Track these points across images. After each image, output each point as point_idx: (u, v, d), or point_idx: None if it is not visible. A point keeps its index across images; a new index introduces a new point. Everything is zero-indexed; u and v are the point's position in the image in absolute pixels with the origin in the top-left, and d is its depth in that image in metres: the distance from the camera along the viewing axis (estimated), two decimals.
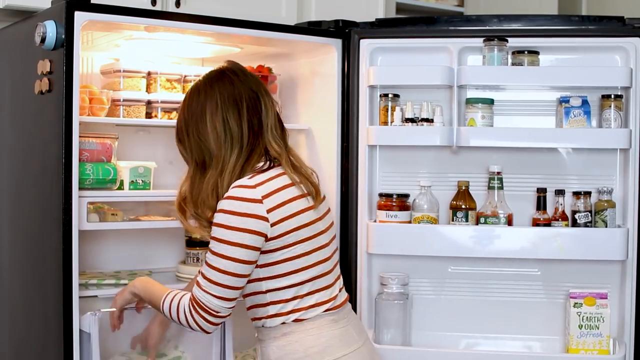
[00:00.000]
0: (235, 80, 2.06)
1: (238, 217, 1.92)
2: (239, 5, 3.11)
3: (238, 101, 2.03)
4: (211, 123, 2.01)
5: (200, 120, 2.02)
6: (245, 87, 2.06)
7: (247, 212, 1.92)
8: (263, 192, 1.95)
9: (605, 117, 2.68)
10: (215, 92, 2.04)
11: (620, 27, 2.70)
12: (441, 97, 2.78)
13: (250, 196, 1.93)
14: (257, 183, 1.96)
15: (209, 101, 2.03)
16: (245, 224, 1.92)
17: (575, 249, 2.64)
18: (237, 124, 2.01)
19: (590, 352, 2.63)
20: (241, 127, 2.02)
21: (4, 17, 2.81)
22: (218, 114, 2.01)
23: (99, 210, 2.55)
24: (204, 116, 2.02)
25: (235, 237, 1.92)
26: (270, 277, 1.98)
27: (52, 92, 2.33)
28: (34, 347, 2.51)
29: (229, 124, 2.01)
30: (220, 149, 2.01)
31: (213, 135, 2.01)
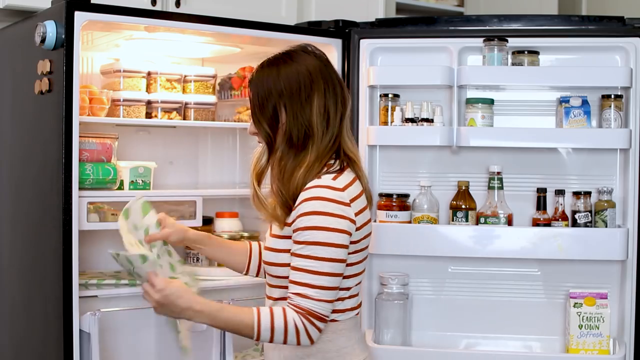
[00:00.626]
0: (329, 66, 2.01)
1: (335, 219, 1.86)
2: (239, 5, 3.11)
3: (337, 90, 1.99)
4: (317, 104, 1.95)
5: (306, 102, 1.94)
6: (339, 79, 2.02)
7: (342, 214, 1.87)
8: (350, 196, 1.91)
9: (605, 117, 2.68)
10: (319, 75, 1.97)
11: (620, 27, 2.70)
12: (441, 97, 2.78)
13: (341, 199, 1.88)
14: (344, 186, 1.91)
15: (314, 80, 1.95)
16: (341, 225, 1.87)
17: (575, 249, 2.64)
18: (335, 113, 1.97)
19: (590, 352, 2.63)
20: (336, 117, 1.97)
21: (4, 17, 2.81)
22: (322, 96, 1.95)
23: (99, 210, 2.55)
24: (310, 97, 1.94)
25: (338, 239, 1.86)
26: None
27: (52, 92, 2.33)
28: (34, 347, 2.51)
29: (329, 110, 1.96)
30: (319, 132, 1.94)
31: (317, 116, 1.94)
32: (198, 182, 3.19)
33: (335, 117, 1.96)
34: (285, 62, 1.99)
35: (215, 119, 2.92)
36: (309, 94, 1.94)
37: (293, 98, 1.94)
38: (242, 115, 2.93)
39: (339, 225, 1.87)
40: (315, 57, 2.00)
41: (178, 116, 2.81)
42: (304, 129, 1.93)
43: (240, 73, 2.95)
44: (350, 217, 1.89)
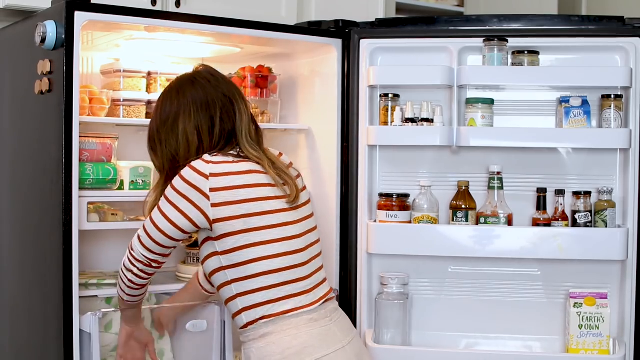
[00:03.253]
0: (207, 86, 2.04)
1: (184, 184, 1.95)
2: (239, 5, 3.11)
3: (211, 107, 2.02)
4: (183, 132, 2.01)
5: (172, 129, 2.02)
6: (218, 93, 2.04)
7: (192, 182, 1.95)
8: (213, 170, 1.95)
9: (605, 117, 2.68)
10: (188, 99, 2.02)
11: (620, 27, 2.70)
12: (441, 97, 2.78)
13: (199, 168, 1.95)
14: (213, 161, 1.96)
15: (181, 108, 2.01)
16: (188, 192, 1.95)
17: (575, 249, 2.64)
18: (210, 131, 2.01)
19: (590, 352, 2.63)
20: (213, 134, 2.01)
21: (4, 17, 2.81)
22: (191, 121, 2.01)
23: (99, 210, 2.55)
24: (176, 124, 2.01)
25: (177, 200, 1.96)
26: (239, 279, 1.98)
27: (52, 92, 2.33)
28: (34, 347, 2.51)
29: (201, 131, 2.01)
30: (188, 158, 2.00)
31: (184, 144, 2.01)
32: None
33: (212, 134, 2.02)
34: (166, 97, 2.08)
35: None
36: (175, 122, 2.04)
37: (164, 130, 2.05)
38: None
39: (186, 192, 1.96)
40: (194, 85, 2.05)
41: None
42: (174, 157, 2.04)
43: (240, 73, 2.95)
44: (202, 189, 1.95)
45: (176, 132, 2.01)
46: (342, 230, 2.80)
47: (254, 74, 2.93)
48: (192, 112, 2.01)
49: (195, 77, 2.07)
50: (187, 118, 2.01)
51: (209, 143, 2.02)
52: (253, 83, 2.92)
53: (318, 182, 2.87)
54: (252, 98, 2.92)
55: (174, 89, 2.06)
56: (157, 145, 2.06)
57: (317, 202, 2.88)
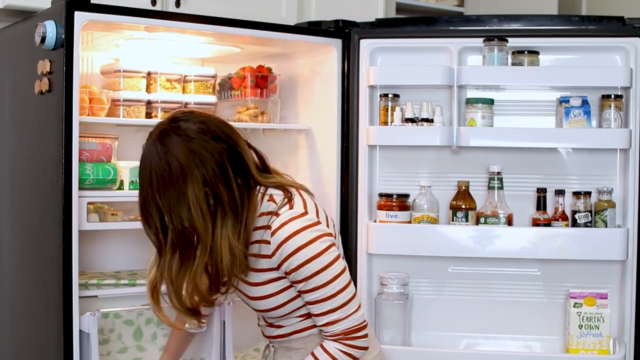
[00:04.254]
0: (204, 138, 1.83)
1: (318, 242, 1.87)
2: (239, 5, 3.11)
3: (219, 162, 1.84)
4: (194, 199, 1.81)
5: (179, 198, 1.81)
6: (220, 145, 1.85)
7: (319, 234, 1.88)
8: (313, 213, 1.92)
9: (605, 117, 2.68)
10: (188, 159, 1.81)
11: (620, 27, 2.70)
12: (441, 97, 2.79)
13: (311, 221, 1.89)
14: (304, 209, 1.91)
15: (185, 173, 1.81)
16: (326, 242, 1.88)
17: (575, 249, 2.64)
18: (227, 189, 1.84)
19: (590, 352, 2.63)
20: (232, 191, 1.85)
21: (4, 17, 2.81)
22: (201, 186, 1.81)
23: (99, 210, 2.55)
24: (183, 193, 1.81)
25: (330, 257, 1.88)
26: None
27: (52, 92, 2.33)
28: (34, 347, 2.51)
29: (218, 193, 1.83)
30: (207, 226, 1.83)
31: (197, 213, 1.81)
32: None
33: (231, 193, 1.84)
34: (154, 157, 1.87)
35: None
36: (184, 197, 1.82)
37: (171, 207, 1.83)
38: (242, 115, 2.93)
39: (322, 245, 1.88)
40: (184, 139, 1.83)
41: None
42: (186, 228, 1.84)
43: (240, 73, 2.95)
44: (325, 231, 1.91)
45: (186, 201, 1.81)
46: (342, 230, 2.80)
47: (254, 74, 2.93)
48: (199, 174, 1.82)
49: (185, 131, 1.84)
50: (195, 183, 1.81)
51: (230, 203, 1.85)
52: (253, 83, 2.92)
53: (318, 182, 2.87)
54: (252, 98, 2.92)
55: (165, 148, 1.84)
56: (156, 219, 1.86)
57: None
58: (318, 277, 1.87)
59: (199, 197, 1.81)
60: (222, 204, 1.84)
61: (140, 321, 2.64)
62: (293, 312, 1.98)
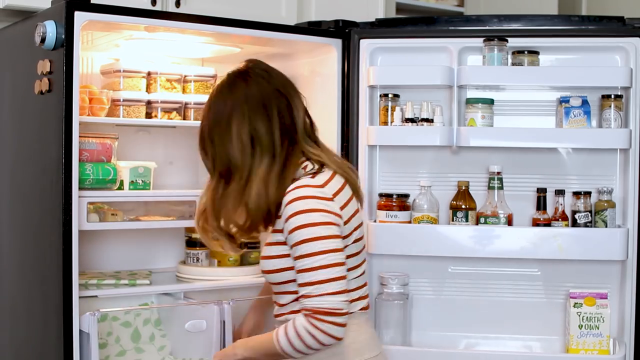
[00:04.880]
0: (262, 83, 1.97)
1: (320, 214, 1.87)
2: (239, 5, 3.11)
3: (267, 106, 1.94)
4: (237, 133, 1.92)
5: (226, 130, 1.93)
6: (273, 89, 1.97)
7: (326, 208, 1.87)
8: (332, 191, 1.91)
9: (605, 117, 2.68)
10: (241, 98, 1.94)
11: (620, 27, 2.70)
12: (441, 97, 2.78)
13: (322, 195, 1.89)
14: (323, 182, 1.91)
15: (235, 109, 1.93)
16: (328, 218, 1.87)
17: (575, 249, 2.64)
18: (268, 132, 1.92)
19: (590, 352, 2.63)
20: (272, 135, 1.93)
21: (4, 17, 2.81)
22: (245, 122, 1.92)
23: (99, 210, 2.55)
24: (229, 126, 1.93)
25: (325, 231, 1.86)
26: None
27: (52, 92, 2.33)
28: (34, 347, 2.51)
29: (258, 133, 1.92)
30: (244, 160, 1.92)
31: (238, 146, 1.92)
32: (198, 182, 3.19)
33: (271, 134, 1.93)
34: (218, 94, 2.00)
35: None
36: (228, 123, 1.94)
37: (215, 130, 1.97)
38: None
39: (323, 218, 1.87)
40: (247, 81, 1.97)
41: (178, 116, 2.81)
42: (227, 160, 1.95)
43: None
44: (335, 211, 1.89)
45: (230, 134, 1.93)
46: None
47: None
48: (246, 112, 1.93)
49: (247, 73, 1.99)
50: (240, 119, 1.93)
51: (270, 146, 1.93)
52: None
53: None
54: None
55: (226, 86, 1.98)
56: (209, 146, 1.98)
57: None
58: (306, 245, 1.86)
59: (241, 132, 1.92)
60: (261, 146, 1.92)
61: (138, 322, 2.64)
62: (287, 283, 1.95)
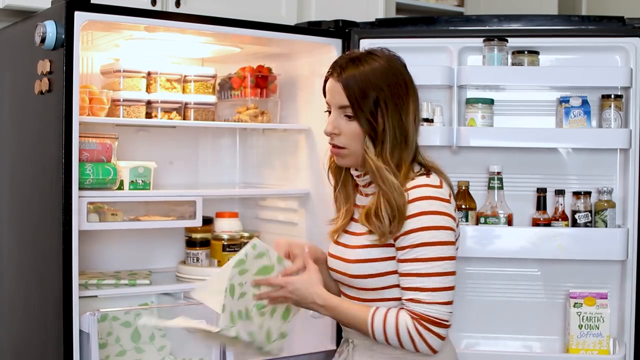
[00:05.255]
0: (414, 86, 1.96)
1: (442, 217, 1.81)
2: (239, 5, 3.11)
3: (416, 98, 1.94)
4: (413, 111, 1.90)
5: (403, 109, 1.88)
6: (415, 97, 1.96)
7: (446, 211, 1.83)
8: (448, 193, 1.88)
9: (605, 117, 2.68)
10: (411, 82, 1.94)
11: (620, 27, 2.70)
12: (441, 97, 2.78)
13: (443, 196, 1.84)
14: (440, 183, 1.88)
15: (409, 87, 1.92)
16: (448, 222, 1.82)
17: (575, 249, 2.63)
18: (418, 122, 1.94)
19: (590, 352, 2.63)
20: (418, 125, 1.94)
21: (4, 17, 2.81)
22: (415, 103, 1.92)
23: (99, 210, 2.55)
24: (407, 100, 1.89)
25: (445, 237, 1.80)
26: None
27: (52, 92, 2.33)
28: (34, 347, 2.51)
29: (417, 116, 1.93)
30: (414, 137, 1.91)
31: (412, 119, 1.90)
32: (198, 182, 3.19)
33: (418, 124, 1.93)
34: (378, 62, 1.93)
35: (215, 119, 2.92)
36: (407, 95, 1.90)
37: (391, 97, 1.88)
38: (242, 116, 2.93)
39: (445, 222, 1.81)
40: (398, 59, 1.97)
41: (178, 116, 2.80)
42: (403, 132, 1.88)
43: (240, 73, 2.95)
44: (452, 213, 1.85)
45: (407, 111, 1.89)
46: None
47: (254, 74, 2.93)
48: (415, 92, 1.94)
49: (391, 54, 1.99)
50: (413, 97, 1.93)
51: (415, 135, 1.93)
52: (253, 83, 2.92)
53: (318, 182, 2.87)
54: (252, 98, 2.92)
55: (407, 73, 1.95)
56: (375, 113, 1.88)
57: (317, 202, 2.88)
58: (423, 250, 1.78)
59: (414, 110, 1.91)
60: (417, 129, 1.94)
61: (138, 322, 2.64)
62: (387, 289, 1.85)
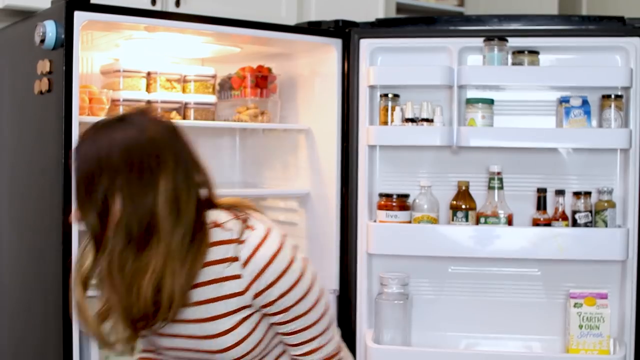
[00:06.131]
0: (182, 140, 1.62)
1: (297, 261, 1.62)
2: (239, 5, 3.11)
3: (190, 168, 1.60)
4: (165, 190, 1.54)
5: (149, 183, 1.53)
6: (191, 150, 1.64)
7: (292, 246, 1.64)
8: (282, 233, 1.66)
9: (605, 117, 2.68)
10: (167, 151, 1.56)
11: (621, 27, 2.70)
12: (441, 97, 2.78)
13: (279, 235, 1.62)
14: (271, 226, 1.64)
15: (161, 160, 1.55)
16: (299, 255, 1.65)
17: (576, 249, 2.63)
18: (187, 198, 1.57)
19: (591, 352, 2.63)
20: (189, 202, 1.57)
21: (4, 17, 2.81)
22: (170, 181, 1.55)
23: None
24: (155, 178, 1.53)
25: (309, 276, 1.64)
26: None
27: (52, 92, 2.33)
28: (33, 347, 2.51)
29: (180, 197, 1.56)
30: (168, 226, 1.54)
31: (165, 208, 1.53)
32: None
33: (187, 201, 1.56)
34: (121, 129, 1.55)
35: (215, 119, 2.93)
36: (154, 174, 1.53)
37: (131, 179, 1.52)
38: (242, 115, 2.93)
39: (300, 263, 1.63)
40: (160, 124, 1.60)
41: (178, 116, 2.81)
42: (147, 220, 1.52)
43: (240, 73, 2.95)
44: (290, 242, 1.66)
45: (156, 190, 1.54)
46: (342, 230, 2.80)
47: (254, 74, 2.93)
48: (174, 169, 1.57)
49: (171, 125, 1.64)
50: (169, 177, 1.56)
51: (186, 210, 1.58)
52: (253, 83, 2.92)
53: (318, 182, 2.87)
54: (252, 98, 2.92)
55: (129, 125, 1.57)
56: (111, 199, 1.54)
57: (317, 202, 2.88)
58: (300, 305, 1.63)
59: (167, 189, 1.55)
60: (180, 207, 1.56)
61: None
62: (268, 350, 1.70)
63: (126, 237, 1.53)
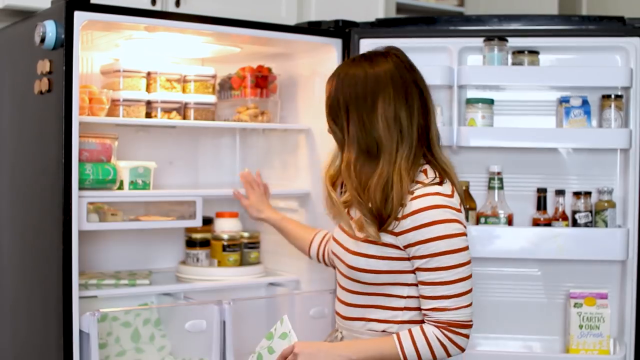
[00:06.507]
0: (404, 70, 1.94)
1: (453, 224, 1.86)
2: (239, 5, 3.11)
3: (410, 99, 1.91)
4: (382, 114, 1.88)
5: (371, 109, 1.88)
6: (417, 86, 1.94)
7: (459, 219, 1.88)
8: (458, 202, 1.92)
9: (605, 117, 2.68)
10: (389, 82, 1.90)
11: (621, 27, 2.70)
12: (441, 97, 2.78)
13: (453, 205, 1.88)
14: (451, 192, 1.90)
15: (381, 90, 1.89)
16: (461, 229, 1.88)
17: (576, 249, 2.63)
18: (408, 122, 1.90)
19: (591, 352, 2.63)
20: (412, 126, 1.90)
21: (4, 17, 2.81)
22: (390, 106, 1.89)
23: (99, 210, 2.55)
24: (375, 104, 1.88)
25: (462, 243, 1.88)
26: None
27: (52, 92, 2.33)
28: (34, 347, 2.51)
29: (400, 119, 1.89)
30: (390, 142, 1.88)
31: (383, 125, 1.88)
32: (198, 182, 3.19)
33: (411, 125, 1.89)
34: (357, 66, 1.95)
35: (215, 119, 2.92)
36: (374, 101, 1.89)
37: (358, 104, 1.90)
38: (242, 115, 2.93)
39: (457, 229, 1.87)
40: (391, 61, 1.94)
41: (178, 116, 2.80)
42: (373, 138, 1.89)
43: (240, 73, 2.95)
44: (463, 222, 1.90)
45: (375, 112, 1.89)
46: None
47: (254, 74, 2.92)
48: (392, 96, 1.90)
49: (396, 59, 1.96)
50: (387, 101, 1.89)
51: (409, 138, 1.90)
52: (253, 83, 2.92)
53: (318, 182, 2.87)
54: (252, 98, 2.92)
55: (370, 65, 1.94)
56: (343, 117, 1.93)
57: (317, 202, 2.88)
58: (443, 258, 1.85)
59: (386, 114, 1.88)
60: (403, 135, 1.89)
61: (138, 322, 2.64)
62: (382, 286, 1.91)
63: (358, 150, 1.91)
